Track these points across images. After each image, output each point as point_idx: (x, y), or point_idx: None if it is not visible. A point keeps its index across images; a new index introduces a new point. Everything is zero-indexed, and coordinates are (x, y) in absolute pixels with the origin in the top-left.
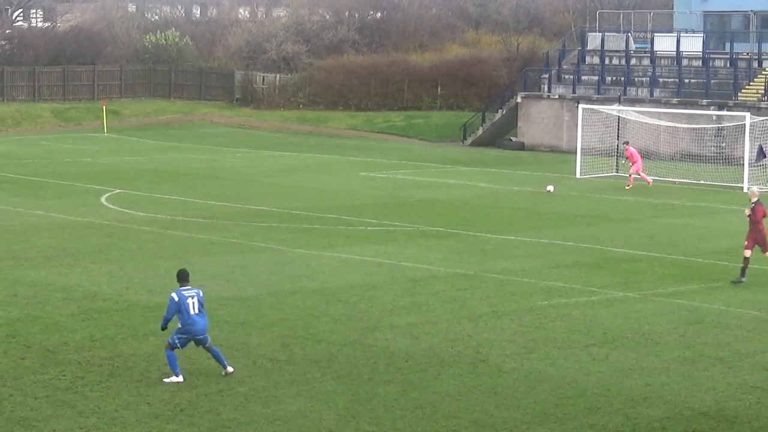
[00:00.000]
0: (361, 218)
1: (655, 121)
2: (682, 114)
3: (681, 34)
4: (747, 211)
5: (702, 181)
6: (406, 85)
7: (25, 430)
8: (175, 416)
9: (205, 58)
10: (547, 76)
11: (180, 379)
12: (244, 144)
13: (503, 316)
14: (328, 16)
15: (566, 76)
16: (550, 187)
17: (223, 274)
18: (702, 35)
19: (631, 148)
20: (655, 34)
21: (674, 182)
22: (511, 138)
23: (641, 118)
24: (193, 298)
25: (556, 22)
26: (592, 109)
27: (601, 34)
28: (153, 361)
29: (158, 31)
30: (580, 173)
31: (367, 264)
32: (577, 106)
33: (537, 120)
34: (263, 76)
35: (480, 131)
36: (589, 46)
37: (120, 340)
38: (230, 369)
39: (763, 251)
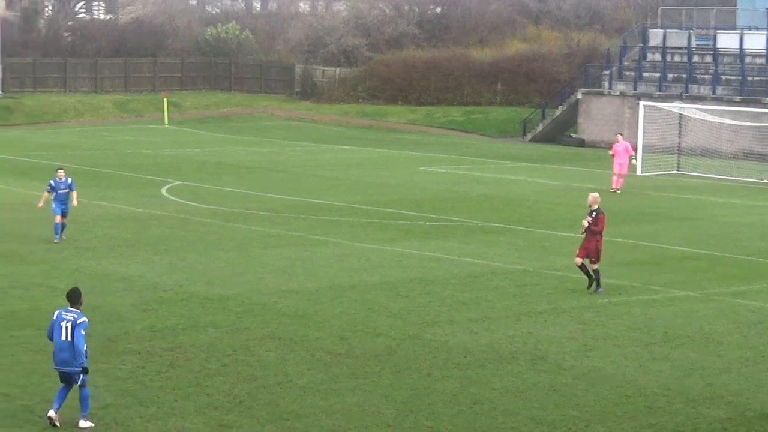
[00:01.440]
0: (420, 213)
1: (717, 119)
2: (745, 112)
3: (744, 32)
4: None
5: (765, 180)
6: (465, 80)
7: (92, 420)
8: (233, 407)
9: (265, 51)
10: (608, 72)
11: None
12: (303, 137)
13: (563, 313)
14: (388, 10)
15: (627, 73)
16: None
17: (283, 267)
18: (765, 32)
19: (624, 141)
20: (718, 31)
21: (736, 181)
22: (572, 135)
23: (703, 116)
24: (67, 323)
25: (617, 18)
26: (653, 106)
27: (662, 30)
28: (212, 352)
29: (219, 24)
30: (641, 171)
31: (427, 259)
32: (638, 104)
33: (597, 117)
34: (323, 70)
35: (540, 127)
36: (651, 43)
37: (180, 330)
38: (85, 424)
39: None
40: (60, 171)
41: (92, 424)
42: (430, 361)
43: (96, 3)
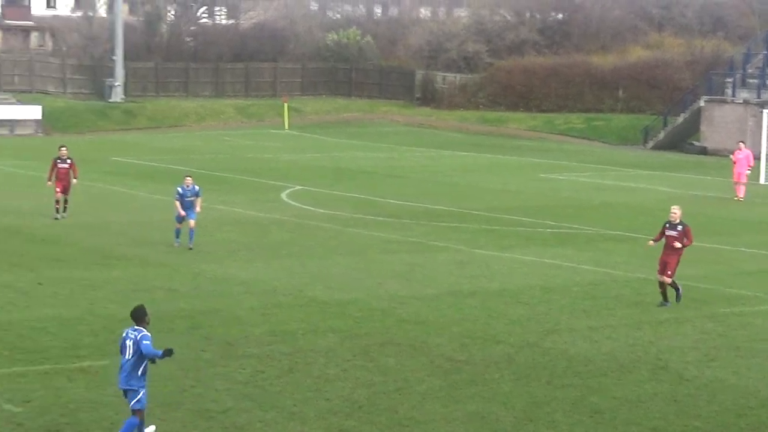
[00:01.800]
0: (540, 220)
1: None
2: None
3: None
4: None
5: None
6: (587, 87)
7: (206, 422)
8: (353, 413)
9: (386, 56)
10: (731, 80)
11: None
12: (423, 143)
13: (685, 322)
14: (509, 17)
15: (751, 81)
16: None
17: (402, 273)
18: None
19: (746, 149)
20: None
21: None
22: (694, 142)
23: None
24: (131, 341)
25: (741, 25)
26: None
27: None
28: (332, 357)
29: (340, 30)
30: (765, 179)
31: (547, 266)
32: (762, 111)
33: (720, 124)
34: (444, 76)
35: (661, 135)
36: None
37: (300, 335)
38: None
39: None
40: (188, 178)
41: None
42: (550, 369)
43: (218, 8)
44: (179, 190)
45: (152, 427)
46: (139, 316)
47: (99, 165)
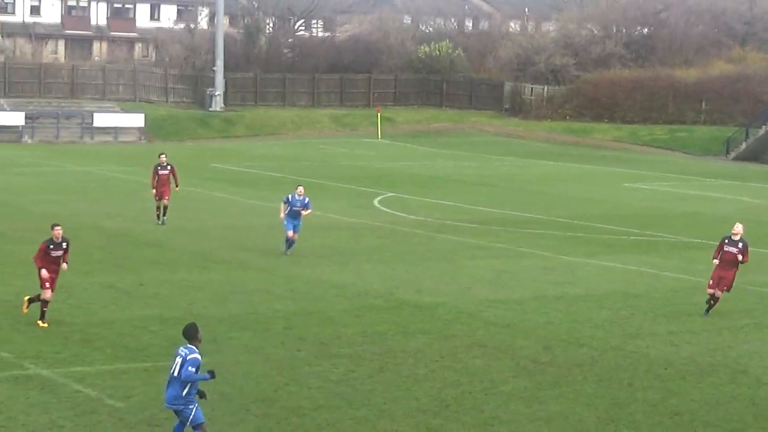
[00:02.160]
0: (624, 228)
1: None
2: None
3: None
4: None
5: None
6: (670, 99)
7: (299, 419)
8: (440, 411)
9: (476, 68)
10: None
11: None
12: (511, 152)
13: (764, 328)
14: (596, 31)
15: None
16: None
17: (490, 278)
18: None
19: None
20: None
21: None
22: None
23: None
24: (179, 358)
25: None
26: None
27: None
28: (420, 357)
29: (432, 42)
30: None
31: (630, 273)
32: None
33: None
34: (532, 88)
35: (743, 146)
36: None
37: (390, 336)
38: None
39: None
40: (300, 188)
41: None
42: (632, 372)
43: (314, 21)
44: (289, 197)
45: None
46: (191, 334)
47: (199, 171)
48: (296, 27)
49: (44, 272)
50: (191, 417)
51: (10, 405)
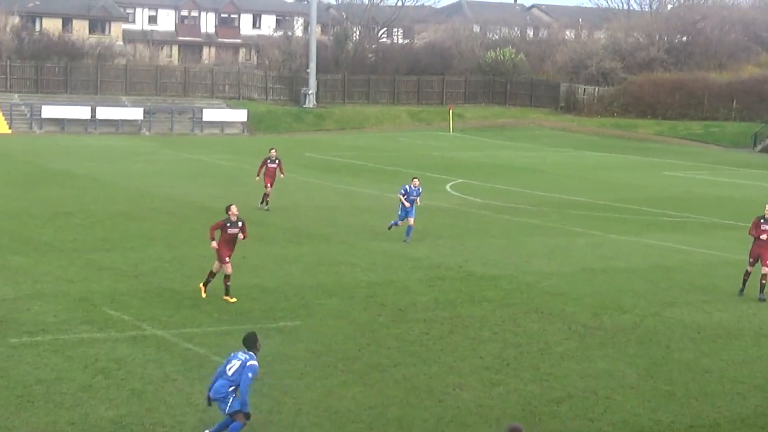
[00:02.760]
0: (662, 210)
1: None
2: None
3: None
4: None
5: None
6: (705, 98)
7: (380, 374)
8: (502, 369)
9: (536, 71)
10: None
11: None
12: (565, 144)
13: None
14: (641, 39)
15: None
16: None
17: (544, 253)
18: None
19: None
20: None
21: None
22: None
23: None
24: (238, 361)
25: None
26: None
27: None
28: (485, 322)
29: (497, 48)
30: None
31: (667, 249)
32: None
33: None
34: (584, 88)
35: None
36: None
37: (459, 303)
38: None
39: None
40: (415, 180)
41: None
42: (668, 335)
43: (395, 29)
44: (406, 188)
45: None
46: (251, 343)
47: (294, 159)
48: (379, 34)
49: (214, 244)
50: (229, 405)
51: (129, 361)
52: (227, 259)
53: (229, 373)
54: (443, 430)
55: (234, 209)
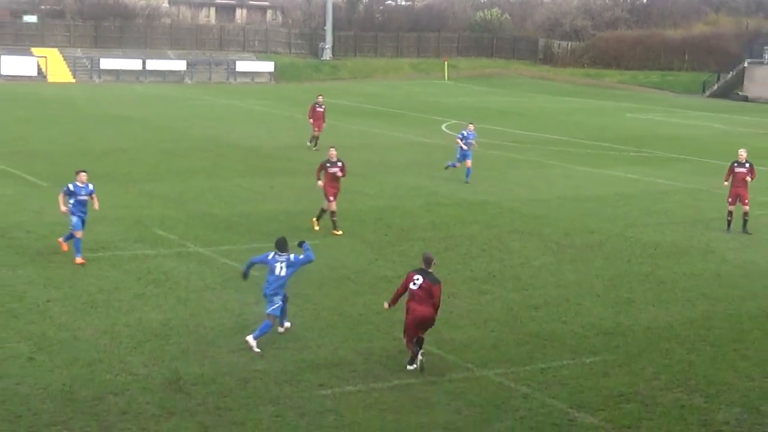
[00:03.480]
0: (626, 146)
1: None
2: None
3: None
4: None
5: None
6: (662, 52)
7: (386, 284)
8: (488, 280)
9: (518, 29)
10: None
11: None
12: (543, 91)
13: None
14: (607, 1)
15: None
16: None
17: (525, 182)
18: None
19: None
20: None
21: None
22: (738, 92)
23: None
24: (282, 263)
25: None
26: None
27: None
28: (474, 241)
29: (485, 9)
30: None
31: (629, 180)
32: None
33: (758, 80)
34: (559, 43)
35: (715, 87)
36: None
37: (452, 225)
38: (286, 326)
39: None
40: (471, 125)
41: (259, 351)
42: (629, 252)
43: None
44: (464, 132)
45: (287, 324)
46: (282, 246)
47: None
48: None
49: (320, 183)
50: (275, 307)
51: (175, 273)
52: (331, 198)
53: (282, 274)
54: (439, 330)
55: (333, 151)
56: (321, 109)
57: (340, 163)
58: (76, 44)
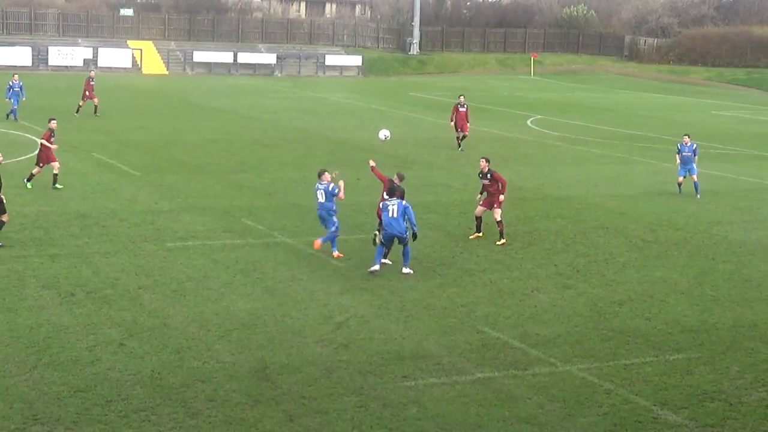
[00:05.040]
0: (711, 144)
1: None
2: None
3: None
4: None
5: None
6: (749, 49)
7: (470, 277)
8: (573, 275)
9: (604, 25)
10: None
11: (376, 267)
12: (629, 87)
13: None
14: None
15: None
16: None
17: (610, 178)
18: None
19: None
20: None
21: None
22: None
23: None
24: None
25: None
26: None
27: None
28: (559, 235)
29: (571, 6)
30: None
31: (715, 177)
32: None
33: None
34: (645, 40)
35: None
36: None
37: (537, 219)
38: (407, 270)
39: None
40: (686, 137)
41: (412, 271)
42: (714, 249)
43: None
44: (678, 146)
45: (409, 271)
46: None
47: (401, 98)
48: None
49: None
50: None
51: (263, 263)
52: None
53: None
54: (522, 325)
55: (483, 162)
56: (463, 110)
57: (489, 175)
58: (170, 37)
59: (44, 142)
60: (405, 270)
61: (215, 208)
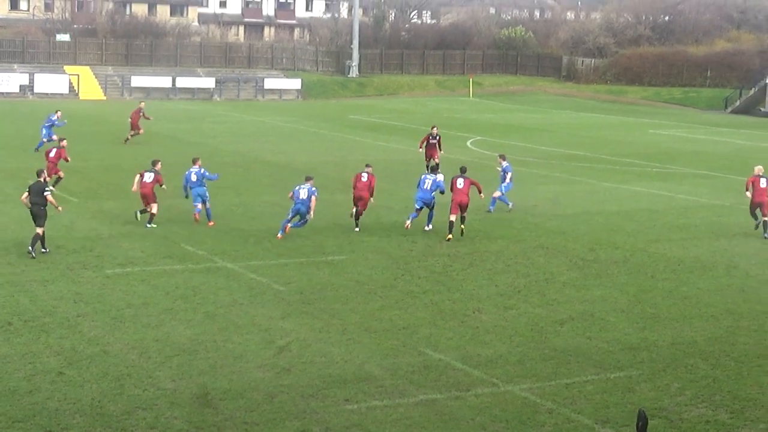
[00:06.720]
0: (649, 162)
1: None
2: None
3: None
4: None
5: None
6: (684, 68)
7: (411, 299)
8: (513, 295)
9: (542, 46)
10: None
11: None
12: (567, 107)
13: (750, 236)
14: (630, 18)
15: None
16: None
17: (550, 198)
18: None
19: None
20: None
21: None
22: (761, 108)
23: None
24: (428, 180)
25: None
26: None
27: None
28: (500, 256)
29: (509, 27)
30: None
31: (652, 195)
32: None
33: None
34: (582, 60)
35: (737, 103)
36: None
37: (478, 240)
38: (429, 227)
39: None
40: None
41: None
42: (653, 267)
43: (425, 11)
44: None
45: (430, 227)
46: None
47: (341, 121)
48: (411, 16)
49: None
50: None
51: (204, 288)
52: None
53: (428, 188)
54: (464, 346)
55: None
56: (434, 141)
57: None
58: (107, 62)
59: None
60: (427, 227)
61: (154, 234)
